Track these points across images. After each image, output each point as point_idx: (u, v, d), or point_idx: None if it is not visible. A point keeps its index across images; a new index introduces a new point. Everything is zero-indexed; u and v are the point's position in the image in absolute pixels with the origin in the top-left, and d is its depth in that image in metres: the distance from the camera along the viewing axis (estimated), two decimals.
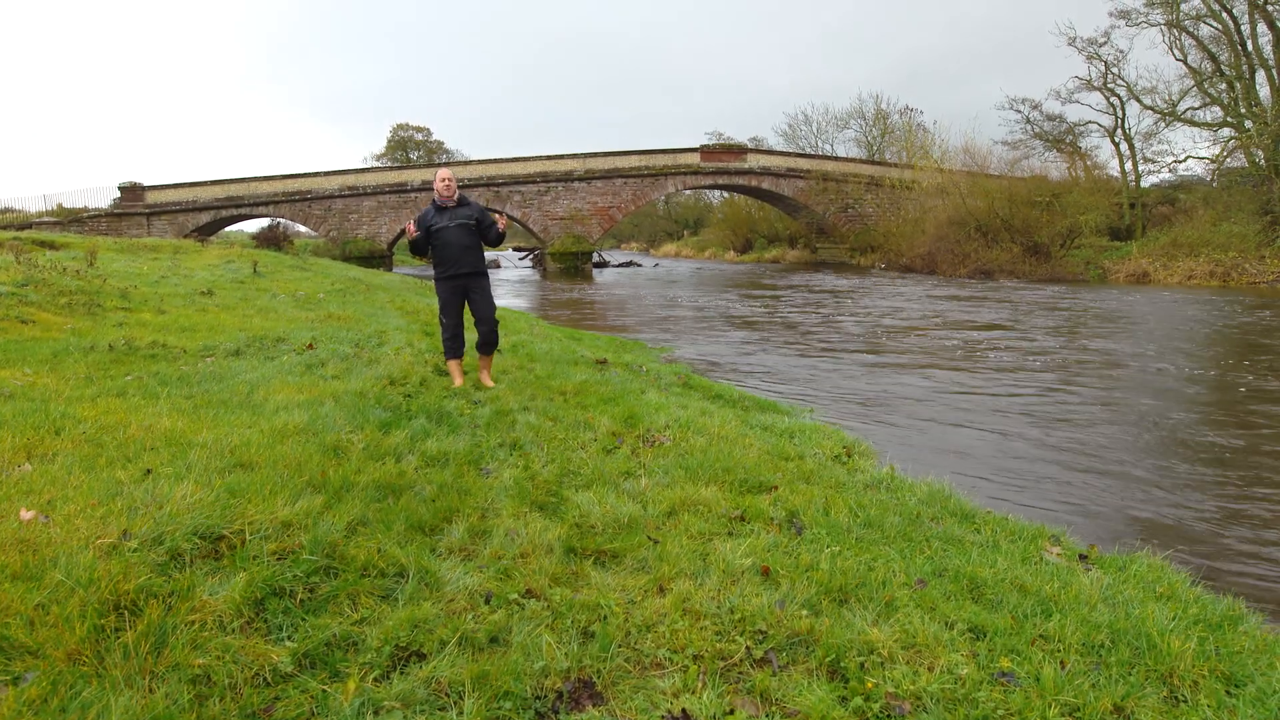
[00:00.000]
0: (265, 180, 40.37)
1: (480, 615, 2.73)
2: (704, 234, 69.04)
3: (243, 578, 2.70)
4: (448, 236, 6.65)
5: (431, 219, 6.71)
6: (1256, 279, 26.11)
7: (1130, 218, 35.43)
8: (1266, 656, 2.78)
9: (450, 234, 6.65)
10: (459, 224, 6.68)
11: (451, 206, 6.75)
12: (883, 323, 16.83)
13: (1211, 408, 8.65)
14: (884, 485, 4.73)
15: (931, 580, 3.20)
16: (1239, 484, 5.94)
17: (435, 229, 6.68)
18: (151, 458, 3.87)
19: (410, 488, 3.94)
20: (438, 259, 6.77)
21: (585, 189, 42.57)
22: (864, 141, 58.46)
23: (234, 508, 3.19)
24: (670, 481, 4.30)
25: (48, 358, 6.56)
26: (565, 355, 9.10)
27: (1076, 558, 3.77)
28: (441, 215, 6.71)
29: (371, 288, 17.67)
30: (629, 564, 3.26)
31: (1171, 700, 2.49)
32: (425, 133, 72.61)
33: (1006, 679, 2.48)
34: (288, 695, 2.24)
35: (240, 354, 7.53)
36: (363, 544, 3.15)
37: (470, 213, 6.78)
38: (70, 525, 2.90)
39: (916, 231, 37.62)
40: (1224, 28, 32.40)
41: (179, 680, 2.19)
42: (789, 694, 2.38)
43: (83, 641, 2.25)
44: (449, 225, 6.66)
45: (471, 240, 6.74)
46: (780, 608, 2.81)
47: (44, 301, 9.21)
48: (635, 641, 2.63)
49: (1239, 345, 13.34)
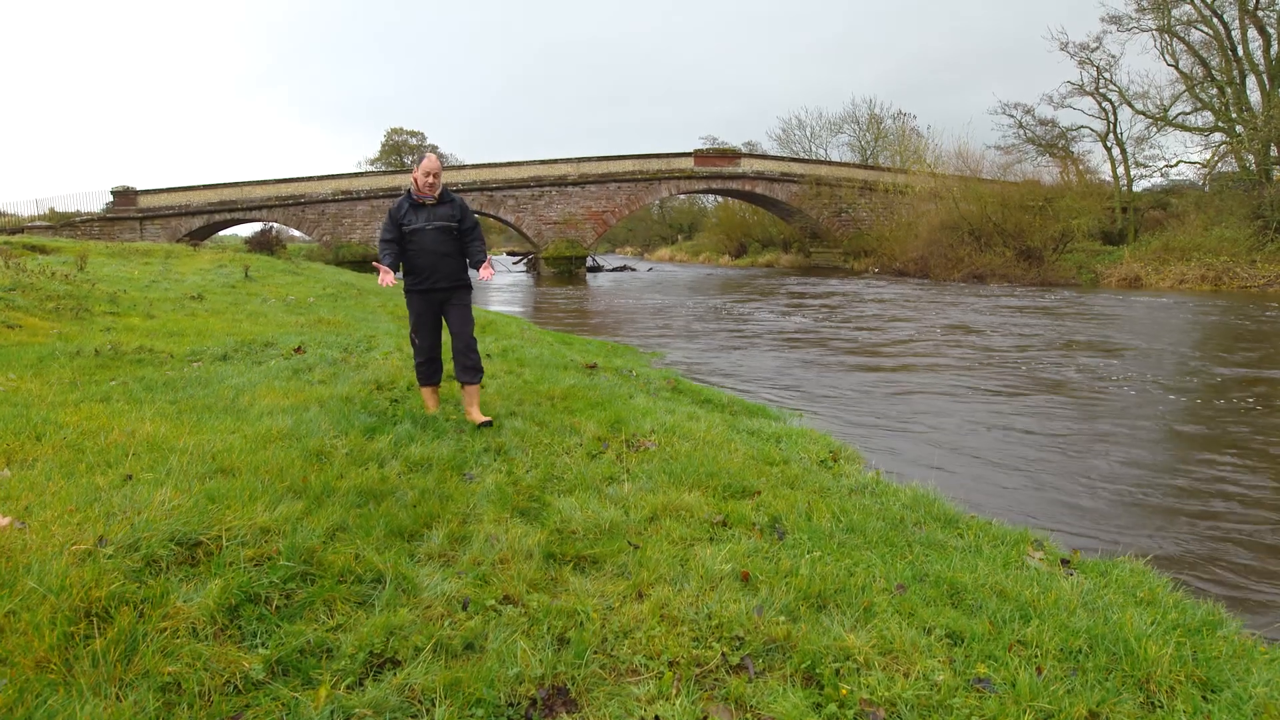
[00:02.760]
0: (259, 184, 40.35)
1: (457, 622, 2.72)
2: (698, 238, 69.12)
3: (217, 584, 2.68)
4: (424, 241, 5.60)
5: (405, 215, 5.65)
6: (1248, 283, 26.23)
7: (1122, 222, 35.57)
8: (1244, 661, 2.78)
9: (427, 238, 5.60)
10: (438, 226, 5.63)
11: (430, 204, 5.66)
12: (875, 327, 16.85)
13: (1209, 408, 8.67)
14: (869, 490, 4.72)
15: (911, 585, 3.19)
16: (1238, 485, 5.95)
17: (409, 229, 5.61)
18: (132, 463, 3.85)
19: (392, 493, 3.93)
20: (410, 266, 5.70)
21: (579, 193, 42.61)
22: (857, 146, 58.69)
23: (212, 514, 3.17)
24: (654, 486, 4.29)
25: (33, 362, 6.54)
26: (555, 360, 9.09)
27: (1059, 562, 3.76)
28: (418, 213, 5.64)
29: (363, 292, 17.65)
30: (609, 570, 3.25)
31: (1148, 706, 2.49)
32: (419, 137, 72.54)
33: (982, 685, 2.48)
34: (258, 703, 2.22)
35: (228, 359, 7.52)
36: (341, 550, 3.14)
37: (451, 213, 5.70)
38: (46, 531, 2.88)
39: (910, 236, 37.73)
40: (1215, 33, 32.64)
41: (148, 688, 2.17)
42: (764, 701, 2.37)
43: (51, 649, 2.24)
44: (425, 227, 5.60)
45: (451, 247, 5.68)
46: (758, 614, 2.81)
47: (31, 306, 9.18)
48: (611, 648, 2.62)
49: (1231, 346, 13.39)
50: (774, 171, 45.61)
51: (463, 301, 5.82)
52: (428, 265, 5.64)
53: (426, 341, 5.77)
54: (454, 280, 5.74)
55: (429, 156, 5.67)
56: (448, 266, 5.69)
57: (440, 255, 5.64)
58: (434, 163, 5.67)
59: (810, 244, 47.42)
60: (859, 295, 25.43)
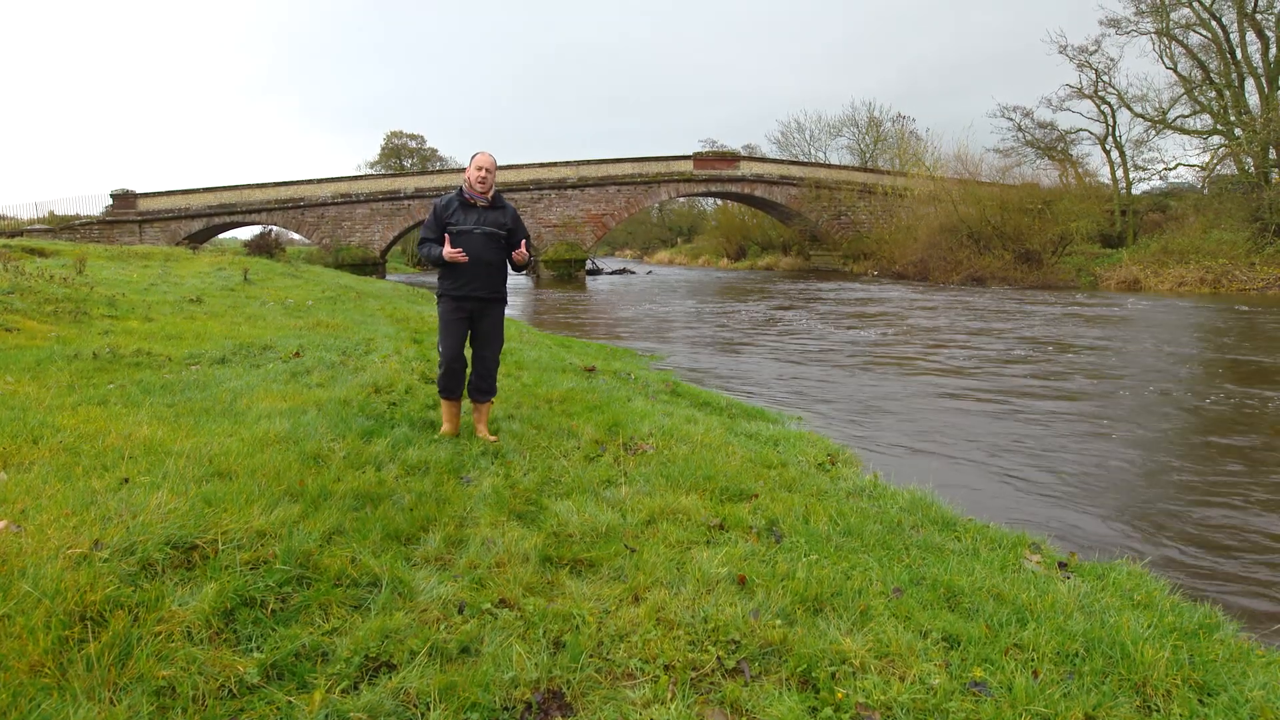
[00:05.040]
0: (258, 187, 40.41)
1: (452, 625, 2.71)
2: (698, 241, 69.22)
3: (213, 588, 2.68)
4: (470, 245, 5.10)
5: (453, 214, 5.18)
6: (1247, 285, 26.25)
7: (1121, 225, 35.59)
8: (1240, 665, 2.78)
9: (475, 242, 5.12)
10: (487, 232, 5.16)
11: (483, 206, 5.21)
12: (875, 330, 16.86)
13: (1208, 411, 8.67)
14: (866, 493, 4.72)
15: (908, 589, 3.19)
16: (1236, 487, 5.95)
17: (457, 230, 5.12)
18: (129, 467, 3.84)
19: (389, 496, 3.93)
20: (451, 269, 5.19)
21: (578, 196, 42.64)
22: (857, 149, 58.84)
23: (209, 517, 3.17)
24: (651, 490, 4.29)
25: (30, 366, 6.53)
26: (553, 363, 9.09)
27: (1056, 565, 3.76)
28: (468, 214, 5.18)
29: (362, 295, 17.66)
30: (605, 573, 3.25)
31: (1144, 709, 2.49)
32: (419, 140, 72.55)
33: (978, 689, 2.48)
34: (252, 707, 2.22)
35: (226, 362, 7.51)
36: (338, 553, 3.13)
37: (503, 220, 5.24)
38: (42, 535, 2.87)
39: (909, 238, 37.78)
40: (1213, 36, 32.71)
41: (142, 692, 2.17)
42: (759, 705, 2.37)
43: (46, 653, 2.23)
44: (474, 230, 5.13)
45: (496, 256, 5.23)
46: (754, 617, 2.80)
47: (29, 309, 9.18)
48: (607, 651, 2.62)
49: (1231, 349, 13.39)
50: (773, 174, 45.64)
51: (497, 317, 5.38)
52: (469, 272, 5.15)
53: (451, 349, 5.23)
54: (492, 292, 5.28)
55: (482, 152, 5.21)
56: (488, 276, 5.23)
57: (483, 263, 5.17)
58: (487, 158, 5.18)
59: (810, 247, 47.46)
60: (858, 298, 25.43)
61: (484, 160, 5.16)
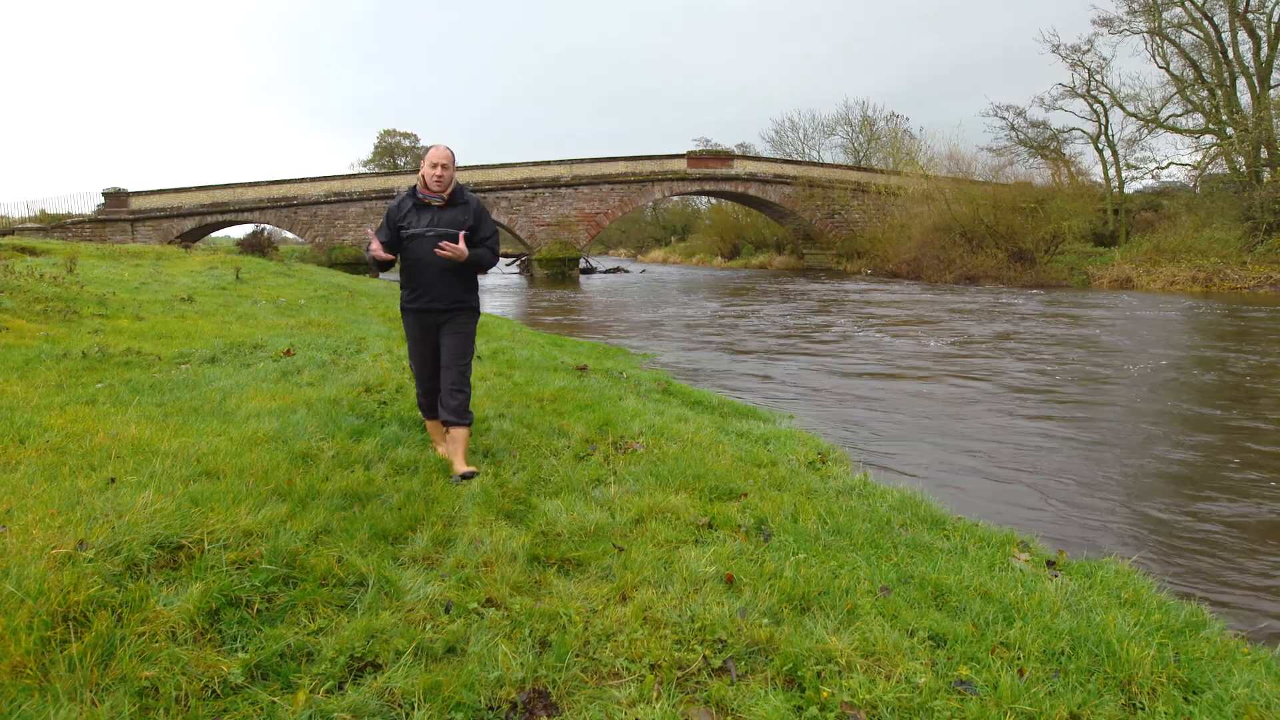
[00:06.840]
0: (251, 186, 40.24)
1: (439, 625, 2.71)
2: (692, 240, 69.19)
3: (198, 588, 2.67)
4: (423, 250, 4.54)
5: (405, 217, 4.62)
6: (1238, 284, 26.37)
7: (1114, 223, 35.73)
8: (1225, 663, 2.79)
9: (427, 246, 4.53)
10: (443, 233, 4.53)
11: (438, 206, 4.62)
12: (867, 329, 16.88)
13: (1201, 409, 8.71)
14: (856, 491, 4.72)
15: (895, 587, 3.19)
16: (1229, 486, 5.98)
17: (408, 234, 4.59)
18: (116, 466, 3.83)
19: (377, 496, 3.92)
20: (407, 278, 4.71)
21: (572, 195, 42.59)
22: (850, 148, 58.88)
23: (195, 517, 3.15)
24: (640, 489, 4.29)
25: (19, 365, 6.49)
26: (545, 362, 9.08)
27: (1044, 564, 3.77)
28: (421, 215, 4.61)
29: (355, 294, 17.61)
30: (593, 572, 3.25)
31: (1129, 708, 2.49)
32: (413, 139, 72.45)
33: (964, 687, 2.48)
34: (236, 707, 2.21)
35: (216, 361, 7.49)
36: (324, 553, 3.12)
37: (461, 217, 4.61)
38: (27, 535, 2.86)
39: (902, 237, 37.84)
40: (1205, 36, 32.83)
41: (124, 693, 2.16)
42: (745, 704, 2.37)
43: (28, 654, 2.22)
44: (427, 234, 4.54)
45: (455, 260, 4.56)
46: (741, 616, 2.80)
47: (18, 308, 9.13)
48: (594, 651, 2.61)
49: (1223, 347, 13.44)
50: (767, 173, 45.65)
51: (463, 327, 4.75)
52: (426, 280, 4.63)
53: (422, 372, 4.84)
54: (454, 301, 4.70)
55: (437, 146, 4.62)
56: (448, 284, 4.65)
57: (439, 269, 4.58)
58: (443, 152, 4.60)
59: (803, 245, 47.49)
60: (852, 297, 25.47)
61: (438, 155, 4.57)
